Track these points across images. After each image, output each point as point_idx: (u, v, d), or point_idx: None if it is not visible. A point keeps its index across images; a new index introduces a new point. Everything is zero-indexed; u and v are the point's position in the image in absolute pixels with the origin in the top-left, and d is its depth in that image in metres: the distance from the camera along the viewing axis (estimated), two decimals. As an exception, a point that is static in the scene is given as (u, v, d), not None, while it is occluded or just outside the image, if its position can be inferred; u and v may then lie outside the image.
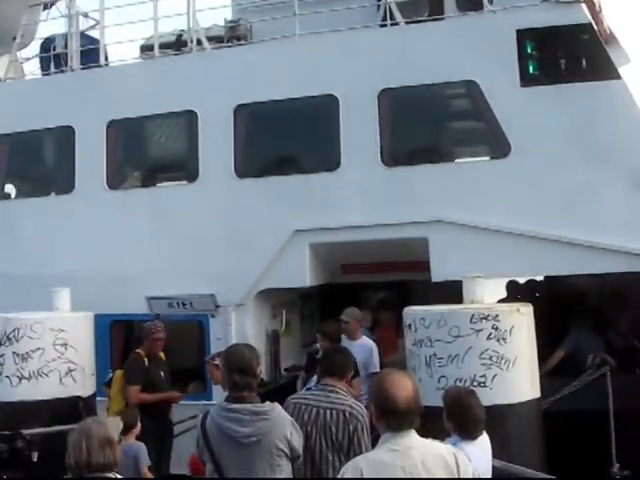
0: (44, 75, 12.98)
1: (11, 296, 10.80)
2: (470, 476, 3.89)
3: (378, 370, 8.05)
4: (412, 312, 8.11)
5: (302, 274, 10.36)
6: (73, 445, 4.39)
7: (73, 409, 8.26)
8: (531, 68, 9.87)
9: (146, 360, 9.01)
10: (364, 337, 9.23)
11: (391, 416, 3.86)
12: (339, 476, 3.91)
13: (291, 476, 4.90)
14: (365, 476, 3.75)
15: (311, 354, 8.97)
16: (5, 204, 12.56)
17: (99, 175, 11.59)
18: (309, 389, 6.92)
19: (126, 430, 7.57)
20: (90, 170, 11.64)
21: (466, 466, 3.91)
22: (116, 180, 11.83)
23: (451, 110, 11.24)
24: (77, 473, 4.37)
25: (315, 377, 7.03)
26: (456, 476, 3.82)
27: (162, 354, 9.27)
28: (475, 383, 7.34)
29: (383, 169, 10.16)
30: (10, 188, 13.12)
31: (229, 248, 10.47)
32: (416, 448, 3.85)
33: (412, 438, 3.89)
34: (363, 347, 8.97)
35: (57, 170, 12.84)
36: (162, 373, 9.07)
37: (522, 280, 12.34)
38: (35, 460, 7.04)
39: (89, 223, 11.49)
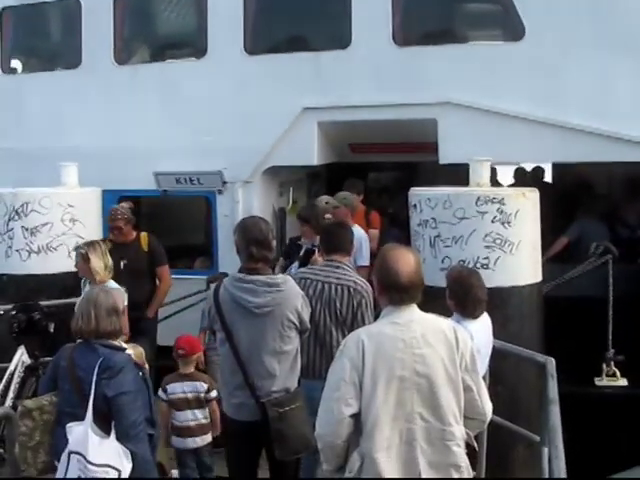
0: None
1: (19, 171, 10.83)
2: (469, 351, 3.96)
3: (367, 264, 7.96)
4: (418, 193, 8.13)
5: (310, 152, 10.31)
6: (81, 313, 4.54)
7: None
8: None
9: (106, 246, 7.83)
10: (356, 225, 8.56)
11: (393, 290, 3.90)
12: (341, 347, 3.98)
13: (298, 347, 5.02)
14: (366, 347, 3.81)
15: (293, 240, 8.64)
16: (11, 79, 12.41)
17: (106, 50, 11.39)
18: None
19: None
20: (97, 45, 11.43)
21: (465, 341, 3.97)
22: (124, 55, 11.61)
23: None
24: (84, 339, 4.51)
25: (296, 264, 7.07)
26: (455, 350, 3.89)
27: (144, 240, 8.41)
28: (478, 265, 7.42)
29: (394, 48, 9.96)
30: (16, 63, 12.93)
31: (237, 125, 10.36)
32: (417, 321, 3.91)
33: (413, 312, 3.94)
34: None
35: (64, 44, 12.62)
36: (123, 262, 7.93)
37: (530, 166, 12.32)
38: (52, 330, 7.20)
39: (96, 98, 11.35)
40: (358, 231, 8.17)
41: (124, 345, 4.59)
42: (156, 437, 4.63)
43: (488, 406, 4.07)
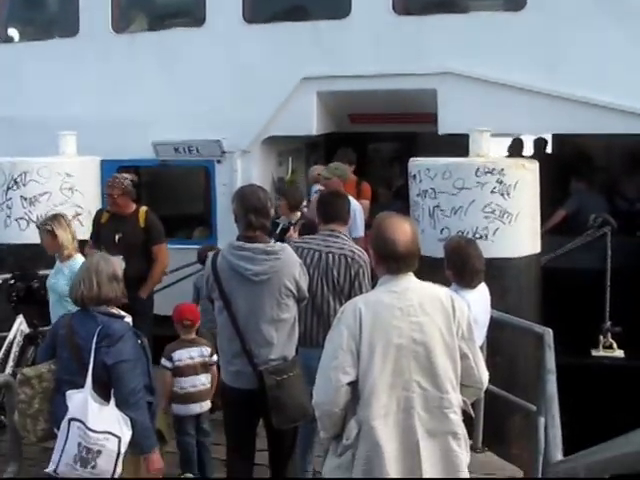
0: None
1: (17, 141, 10.79)
2: (465, 319, 3.97)
3: (362, 235, 7.91)
4: (417, 163, 8.13)
5: (309, 122, 10.28)
6: (82, 280, 4.54)
7: (80, 252, 8.38)
8: None
9: (104, 217, 7.84)
10: (349, 197, 8.47)
11: (390, 259, 3.89)
12: (338, 315, 3.98)
13: (296, 316, 5.02)
14: (363, 315, 3.81)
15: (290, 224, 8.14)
16: (9, 47, 12.34)
17: (104, 18, 11.32)
18: None
19: None
20: (95, 12, 11.36)
21: (462, 309, 3.98)
22: (122, 23, 11.56)
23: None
24: (84, 305, 4.53)
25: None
26: (451, 318, 3.90)
27: (142, 215, 7.70)
28: (477, 235, 7.45)
29: (394, 17, 9.90)
30: (13, 32, 12.84)
31: (236, 94, 10.34)
32: (414, 290, 3.91)
33: (410, 280, 3.94)
34: None
35: (61, 12, 12.55)
36: (118, 236, 7.53)
37: (530, 137, 12.29)
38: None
39: (94, 67, 11.30)
40: (352, 202, 7.98)
41: (123, 313, 4.60)
42: (155, 405, 4.67)
43: (484, 374, 4.08)
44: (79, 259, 6.40)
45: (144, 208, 7.75)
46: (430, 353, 3.83)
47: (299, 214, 7.50)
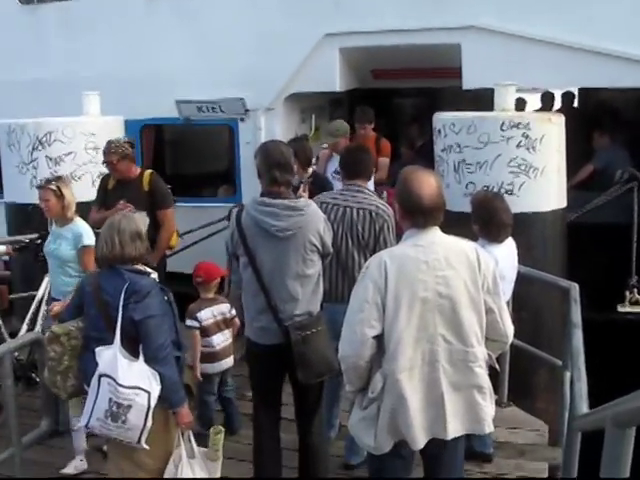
0: None
1: (41, 101, 10.82)
2: (491, 273, 3.96)
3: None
4: (442, 118, 8.07)
5: (332, 79, 10.21)
6: (105, 239, 4.56)
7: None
8: None
9: (110, 183, 7.50)
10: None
11: (415, 213, 3.90)
12: (363, 270, 4.00)
13: (320, 271, 5.03)
14: (389, 269, 3.82)
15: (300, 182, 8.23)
16: (30, 9, 12.30)
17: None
18: None
19: None
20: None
21: (487, 263, 3.97)
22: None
23: None
24: (108, 264, 4.56)
25: None
26: (477, 271, 3.90)
27: (146, 178, 7.34)
28: (502, 190, 7.40)
29: (418, -29, 9.76)
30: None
31: (259, 51, 10.25)
32: (439, 244, 3.91)
33: (435, 234, 3.94)
34: None
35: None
36: (122, 200, 7.09)
37: (557, 92, 12.14)
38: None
39: (117, 25, 11.27)
40: None
41: (149, 270, 4.63)
42: (182, 359, 4.71)
43: (510, 328, 4.09)
44: (80, 222, 6.36)
45: (149, 171, 7.46)
46: (455, 307, 3.85)
47: (311, 171, 7.43)
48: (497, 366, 4.27)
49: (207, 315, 6.26)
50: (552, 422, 6.51)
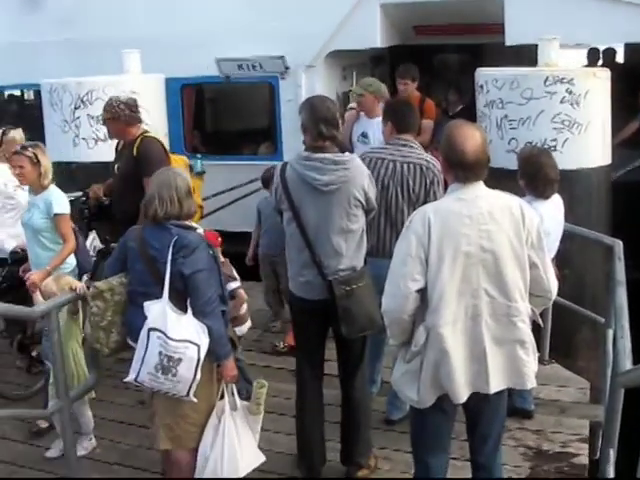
0: None
1: (83, 60, 10.86)
2: (535, 228, 3.93)
3: None
4: (485, 73, 7.98)
5: (373, 35, 10.13)
6: (161, 198, 4.51)
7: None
8: None
9: (121, 144, 7.02)
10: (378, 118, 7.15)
11: (459, 168, 3.87)
12: (407, 224, 3.99)
13: (364, 226, 5.02)
14: (432, 223, 3.82)
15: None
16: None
17: None
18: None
19: None
20: None
21: (532, 218, 3.94)
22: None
23: None
24: (161, 222, 4.52)
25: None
26: (521, 226, 3.87)
27: (138, 143, 6.60)
28: (546, 146, 7.30)
29: None
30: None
31: (299, 8, 10.18)
32: (483, 198, 3.89)
33: (480, 189, 3.92)
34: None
35: None
36: (117, 165, 6.78)
37: (601, 47, 11.92)
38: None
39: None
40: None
41: (195, 225, 4.66)
42: (228, 313, 4.75)
43: (554, 284, 4.07)
44: (52, 190, 6.14)
45: (144, 136, 6.69)
46: (498, 261, 3.84)
47: None
48: (540, 321, 4.27)
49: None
50: (593, 380, 6.51)
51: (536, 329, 4.26)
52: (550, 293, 4.10)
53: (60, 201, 6.07)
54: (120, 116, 6.57)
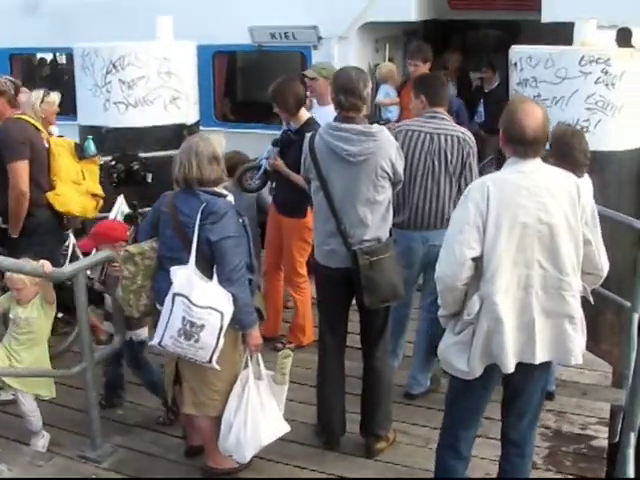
0: None
1: (115, 25, 10.86)
2: (590, 206, 3.99)
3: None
4: (519, 50, 7.88)
5: (407, 8, 10.07)
6: (182, 162, 4.55)
7: (177, 135, 8.49)
8: None
9: None
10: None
11: (518, 143, 3.92)
12: (465, 192, 4.04)
13: (390, 198, 5.01)
14: (491, 193, 3.86)
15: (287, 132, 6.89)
16: None
17: None
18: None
19: None
20: None
21: (587, 195, 4.03)
22: None
23: None
24: (186, 186, 4.56)
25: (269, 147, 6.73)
26: (577, 202, 3.91)
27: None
28: (578, 127, 7.22)
29: None
30: None
31: (334, -22, 10.16)
32: (541, 172, 3.95)
33: (537, 164, 3.97)
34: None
35: None
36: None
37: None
38: (150, 181, 7.32)
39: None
40: None
41: (225, 192, 4.67)
42: (254, 282, 4.76)
43: (605, 262, 4.11)
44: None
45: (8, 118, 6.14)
46: (554, 234, 3.88)
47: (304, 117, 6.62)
48: (591, 298, 4.25)
49: None
50: (616, 364, 6.49)
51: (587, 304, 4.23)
52: (601, 271, 4.13)
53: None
54: (5, 92, 6.11)
